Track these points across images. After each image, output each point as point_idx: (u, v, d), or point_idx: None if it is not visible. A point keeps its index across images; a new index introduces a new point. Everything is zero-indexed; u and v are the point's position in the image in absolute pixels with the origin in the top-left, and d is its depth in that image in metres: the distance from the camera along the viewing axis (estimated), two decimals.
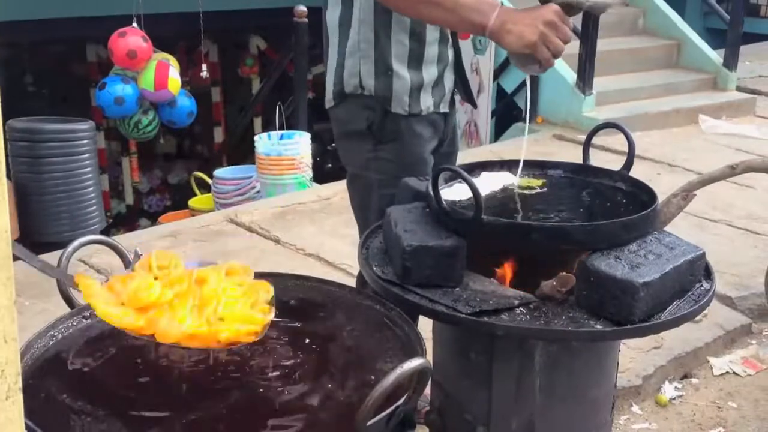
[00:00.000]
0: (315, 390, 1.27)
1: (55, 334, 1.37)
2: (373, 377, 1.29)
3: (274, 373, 1.31)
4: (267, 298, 1.33)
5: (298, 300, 1.55)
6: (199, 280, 1.33)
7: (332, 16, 1.97)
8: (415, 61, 1.94)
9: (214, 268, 1.38)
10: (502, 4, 1.74)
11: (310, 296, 1.55)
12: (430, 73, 1.97)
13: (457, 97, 2.13)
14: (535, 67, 1.69)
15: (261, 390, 1.27)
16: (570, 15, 1.68)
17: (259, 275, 1.57)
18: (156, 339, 1.25)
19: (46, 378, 1.28)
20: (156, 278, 1.33)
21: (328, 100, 2.03)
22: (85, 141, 4.83)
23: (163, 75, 5.20)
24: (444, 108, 2.03)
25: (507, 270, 1.57)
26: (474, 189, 1.43)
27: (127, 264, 1.55)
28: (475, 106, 2.31)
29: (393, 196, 1.84)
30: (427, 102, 1.97)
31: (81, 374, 1.30)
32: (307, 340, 1.41)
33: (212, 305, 1.28)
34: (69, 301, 1.46)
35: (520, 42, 1.63)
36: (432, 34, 1.93)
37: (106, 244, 1.54)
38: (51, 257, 1.45)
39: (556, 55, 1.65)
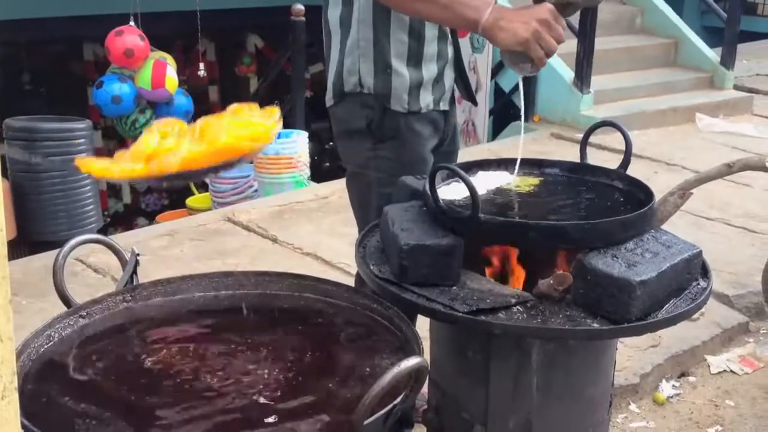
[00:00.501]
0: (312, 389, 1.27)
1: (52, 333, 1.37)
2: (370, 376, 1.29)
3: (272, 373, 1.31)
4: (273, 117, 1.28)
5: (295, 299, 1.55)
6: (202, 128, 1.28)
7: (333, 15, 1.97)
8: (415, 58, 1.94)
9: (217, 115, 1.33)
10: (496, 2, 1.74)
11: (307, 295, 1.55)
12: (429, 70, 1.97)
13: (456, 95, 2.13)
14: (527, 67, 1.69)
15: (259, 389, 1.27)
16: (565, 15, 1.68)
17: (257, 274, 1.58)
18: (159, 173, 1.20)
19: (42, 377, 1.27)
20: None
21: (328, 99, 2.03)
22: (82, 140, 4.83)
23: (161, 74, 5.20)
24: (444, 106, 2.04)
25: (504, 268, 1.57)
26: (471, 188, 1.43)
27: (125, 263, 1.55)
28: (475, 103, 2.30)
29: (392, 194, 1.84)
30: (426, 99, 1.97)
31: (77, 374, 1.30)
32: (304, 339, 1.41)
33: (213, 129, 1.22)
34: (66, 300, 1.46)
35: (513, 39, 1.63)
36: (431, 31, 1.94)
37: (103, 243, 1.54)
38: (48, 256, 1.47)
39: (549, 54, 1.64)
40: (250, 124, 1.20)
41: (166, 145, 1.22)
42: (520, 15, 1.65)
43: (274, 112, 1.27)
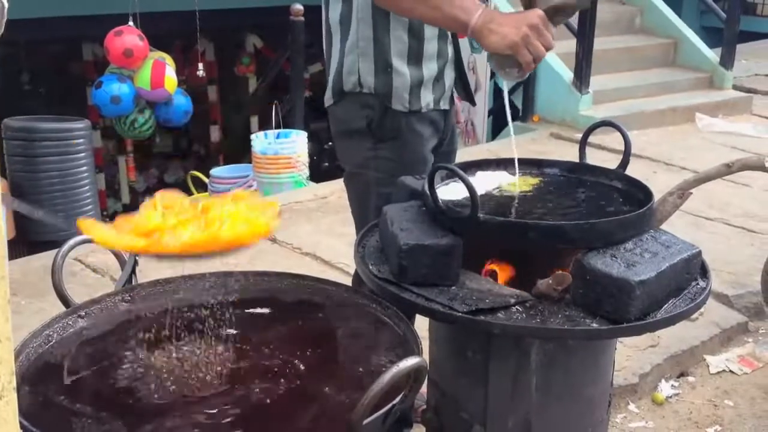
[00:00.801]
0: (311, 388, 1.27)
1: (51, 333, 1.37)
2: (369, 376, 1.29)
3: (271, 372, 1.31)
4: (273, 212, 1.30)
5: (294, 299, 1.55)
6: (204, 209, 1.31)
7: (333, 14, 1.97)
8: (415, 57, 1.94)
9: (219, 197, 1.36)
10: (487, 5, 1.75)
11: (306, 295, 1.55)
12: (430, 69, 1.97)
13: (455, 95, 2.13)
14: (513, 71, 1.68)
15: (258, 388, 1.26)
16: (555, 23, 1.67)
17: (256, 274, 1.58)
18: (158, 251, 1.22)
19: (40, 378, 1.27)
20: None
21: (327, 98, 2.03)
22: (80, 140, 4.83)
23: (160, 74, 5.19)
24: (444, 105, 2.03)
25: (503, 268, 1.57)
26: (470, 187, 1.43)
27: (123, 263, 1.55)
28: (473, 103, 2.30)
29: (392, 194, 1.84)
30: (427, 99, 1.97)
31: (75, 375, 1.30)
32: (304, 339, 1.41)
33: (216, 222, 1.25)
34: (65, 300, 1.46)
35: (502, 42, 1.64)
36: (431, 30, 1.93)
37: None
38: (47, 256, 1.46)
39: (536, 60, 1.64)
40: (251, 220, 1.24)
41: (168, 223, 1.25)
42: (511, 19, 1.66)
43: (275, 206, 1.30)
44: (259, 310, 1.54)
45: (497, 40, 1.64)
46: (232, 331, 1.44)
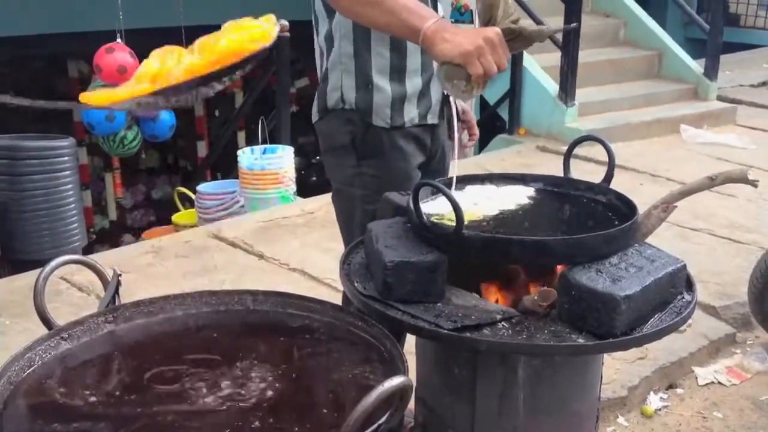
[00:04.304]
0: (296, 409, 1.26)
1: (33, 356, 1.35)
2: (354, 395, 1.28)
3: (256, 392, 1.30)
4: (271, 20, 1.27)
5: (279, 317, 1.54)
6: (201, 44, 1.28)
7: (322, 32, 1.98)
8: (397, 72, 1.93)
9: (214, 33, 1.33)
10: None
11: (292, 313, 1.54)
12: (414, 84, 1.96)
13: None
14: (461, 84, 1.60)
15: (243, 408, 1.25)
16: (511, 47, 1.60)
17: (239, 293, 1.57)
18: (162, 86, 1.20)
19: (23, 401, 1.26)
20: None
21: (314, 114, 2.04)
22: (65, 158, 4.80)
23: None
24: (432, 119, 2.03)
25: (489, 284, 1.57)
26: (454, 203, 1.42)
27: (107, 283, 1.54)
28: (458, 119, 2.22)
29: (377, 211, 1.84)
30: (411, 113, 1.97)
31: (58, 397, 1.29)
32: (289, 358, 1.40)
33: (211, 41, 1.22)
34: (47, 322, 1.44)
35: (455, 50, 1.57)
36: (413, 44, 1.92)
37: (84, 263, 1.52)
38: (32, 275, 1.46)
39: (487, 75, 1.57)
40: (247, 27, 1.20)
41: (168, 65, 1.22)
42: (467, 31, 1.60)
43: (271, 18, 1.26)
44: (243, 330, 1.52)
45: (450, 48, 1.58)
46: (216, 351, 1.43)
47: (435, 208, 1.65)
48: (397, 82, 1.94)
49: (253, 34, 1.11)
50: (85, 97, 1.24)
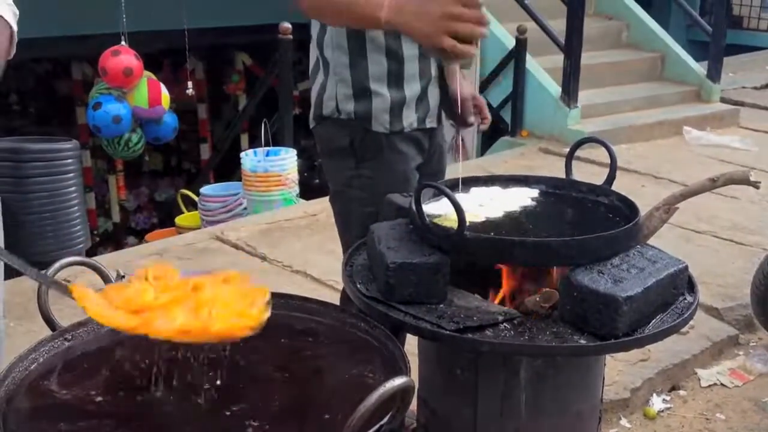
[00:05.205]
0: (298, 409, 1.26)
1: (37, 357, 1.36)
2: (356, 396, 1.28)
3: (258, 392, 1.30)
4: (263, 299, 1.30)
5: (281, 319, 1.54)
6: (195, 287, 1.31)
7: (317, 40, 1.99)
8: (395, 79, 1.93)
9: (210, 276, 1.36)
10: None
11: (294, 314, 1.55)
12: (412, 89, 1.96)
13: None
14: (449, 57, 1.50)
15: (245, 409, 1.26)
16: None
17: None
18: (149, 335, 1.23)
19: (27, 402, 1.26)
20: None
21: (310, 120, 2.04)
22: (69, 160, 4.80)
23: (156, 92, 5.21)
24: (431, 123, 2.03)
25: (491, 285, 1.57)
26: (456, 205, 1.43)
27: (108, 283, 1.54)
28: (459, 124, 2.21)
29: (374, 213, 1.84)
30: (410, 118, 1.97)
31: (62, 397, 1.29)
32: (291, 359, 1.41)
33: (207, 307, 1.26)
34: (51, 323, 1.44)
35: (419, 41, 1.51)
36: (410, 50, 1.93)
37: (88, 265, 1.53)
38: None
39: (467, 41, 1.44)
40: (243, 314, 1.24)
41: (159, 301, 1.26)
42: (422, 4, 1.47)
43: (265, 293, 1.30)
44: None
45: (415, 37, 1.52)
46: (219, 352, 1.43)
47: (437, 209, 1.66)
48: (395, 88, 1.94)
49: (244, 323, 1.16)
50: (75, 291, 1.29)
